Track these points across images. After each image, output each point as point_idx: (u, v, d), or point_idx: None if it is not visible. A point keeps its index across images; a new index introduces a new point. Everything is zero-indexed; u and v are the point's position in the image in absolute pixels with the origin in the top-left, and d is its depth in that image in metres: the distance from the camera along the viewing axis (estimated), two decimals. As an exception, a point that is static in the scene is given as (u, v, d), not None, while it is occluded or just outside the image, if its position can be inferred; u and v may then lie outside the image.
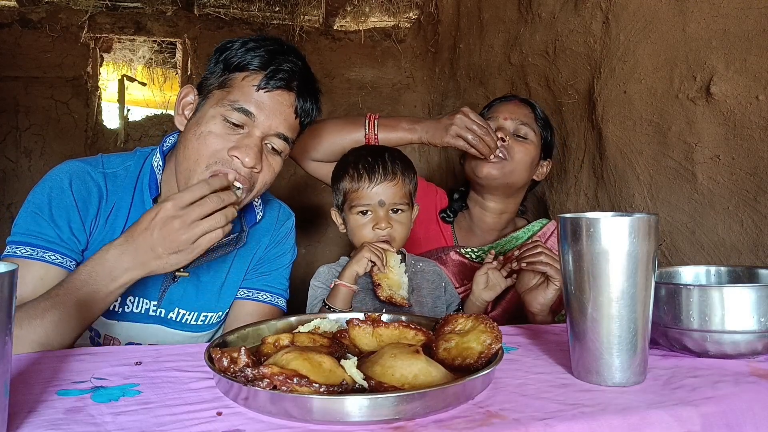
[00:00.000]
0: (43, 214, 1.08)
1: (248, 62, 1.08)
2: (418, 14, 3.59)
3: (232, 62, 1.09)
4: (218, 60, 1.11)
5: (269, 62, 1.08)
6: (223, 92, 1.08)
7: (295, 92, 1.11)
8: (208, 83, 1.12)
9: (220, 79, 1.10)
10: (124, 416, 0.62)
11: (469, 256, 1.60)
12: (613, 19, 1.76)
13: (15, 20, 3.25)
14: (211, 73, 1.12)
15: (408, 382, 0.66)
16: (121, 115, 3.82)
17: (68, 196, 1.10)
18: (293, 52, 1.14)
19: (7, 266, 0.56)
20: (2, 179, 3.22)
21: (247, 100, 1.06)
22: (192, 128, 1.09)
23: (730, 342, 0.81)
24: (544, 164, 1.68)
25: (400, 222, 1.25)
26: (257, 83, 1.07)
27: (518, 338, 0.99)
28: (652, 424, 0.63)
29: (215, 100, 1.08)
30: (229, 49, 1.11)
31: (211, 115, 1.07)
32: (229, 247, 1.23)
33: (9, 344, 0.55)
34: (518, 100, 1.67)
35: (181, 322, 1.23)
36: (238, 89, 1.07)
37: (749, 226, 1.36)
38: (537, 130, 1.61)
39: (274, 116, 1.08)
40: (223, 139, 1.06)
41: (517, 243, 1.62)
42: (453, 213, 1.72)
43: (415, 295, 1.28)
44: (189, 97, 1.14)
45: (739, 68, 1.35)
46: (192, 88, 1.15)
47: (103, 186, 1.14)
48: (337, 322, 0.94)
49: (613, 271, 0.73)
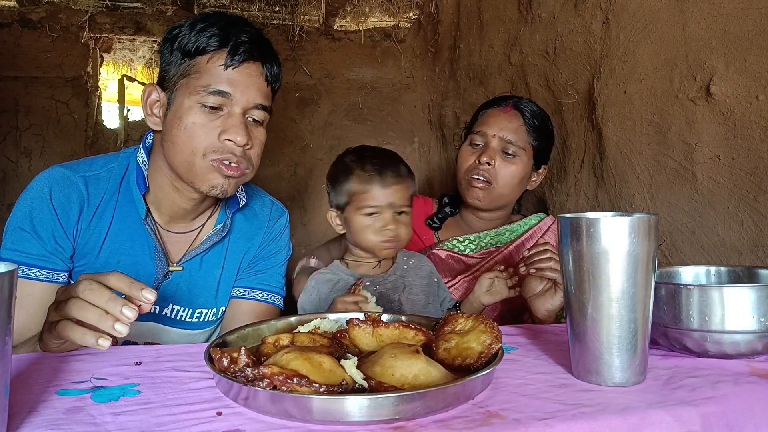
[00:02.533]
0: (27, 228, 1.09)
1: (206, 44, 1.07)
2: (418, 14, 3.59)
3: (189, 48, 1.07)
4: (172, 49, 1.10)
5: (226, 38, 1.08)
6: (190, 80, 1.08)
7: (260, 61, 1.12)
8: (170, 75, 1.10)
9: (181, 67, 1.09)
10: (124, 416, 0.62)
11: (457, 249, 1.58)
12: (613, 19, 1.76)
13: (15, 20, 3.25)
14: (168, 64, 1.11)
15: (408, 382, 0.66)
16: (121, 115, 3.81)
17: (48, 207, 1.11)
18: (242, 21, 1.14)
19: (7, 266, 0.56)
20: (2, 179, 3.22)
21: (219, 81, 1.07)
22: (173, 123, 1.08)
23: (730, 342, 0.81)
24: (538, 173, 1.63)
25: (404, 224, 1.25)
26: (223, 62, 1.07)
27: (518, 338, 0.99)
28: (652, 424, 0.63)
29: (186, 89, 1.08)
30: (180, 36, 1.09)
31: (188, 105, 1.07)
32: (217, 237, 1.23)
33: (9, 344, 0.55)
34: (508, 106, 1.58)
35: (176, 319, 1.24)
36: (205, 73, 1.07)
37: (749, 226, 1.36)
38: (527, 141, 1.55)
39: (248, 90, 1.09)
40: (208, 127, 1.07)
41: (511, 236, 1.59)
42: (440, 221, 1.68)
43: (406, 293, 1.28)
44: (153, 96, 1.13)
45: (739, 68, 1.35)
46: (154, 87, 1.13)
47: (84, 190, 1.14)
48: (337, 322, 0.94)
49: (613, 271, 0.73)
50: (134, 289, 0.77)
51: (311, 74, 3.46)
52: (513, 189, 1.56)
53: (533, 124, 1.55)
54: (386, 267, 1.31)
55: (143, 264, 1.18)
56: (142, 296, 0.77)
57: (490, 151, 1.51)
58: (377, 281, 1.26)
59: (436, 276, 1.35)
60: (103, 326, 0.75)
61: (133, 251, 1.17)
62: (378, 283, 1.26)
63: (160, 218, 1.20)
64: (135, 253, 1.17)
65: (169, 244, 1.21)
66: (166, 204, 1.19)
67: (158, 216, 1.20)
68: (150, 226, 1.17)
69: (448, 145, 3.21)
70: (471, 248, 1.58)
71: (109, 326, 0.74)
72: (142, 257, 1.17)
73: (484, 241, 1.59)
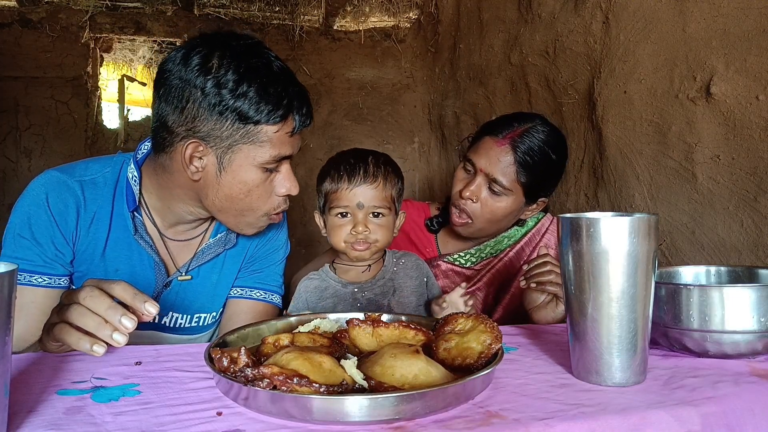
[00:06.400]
0: (26, 236, 1.08)
1: (271, 116, 1.03)
2: (418, 14, 3.59)
3: (250, 116, 1.02)
4: (220, 106, 1.00)
5: (290, 108, 1.06)
6: (254, 147, 1.05)
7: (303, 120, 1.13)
8: (221, 135, 1.03)
9: (239, 132, 1.03)
10: (124, 416, 0.62)
11: (458, 262, 1.57)
12: (613, 19, 1.76)
13: (15, 20, 3.26)
14: (216, 122, 1.02)
15: (408, 382, 0.65)
16: (121, 115, 3.82)
17: (45, 213, 1.09)
18: (289, 77, 1.09)
19: (7, 266, 0.56)
20: (2, 179, 3.22)
21: (285, 148, 1.08)
22: (232, 183, 1.06)
23: (730, 342, 0.81)
24: (532, 208, 1.50)
25: (381, 226, 1.21)
26: (290, 131, 1.07)
27: (518, 338, 0.99)
28: (652, 424, 0.63)
29: (249, 155, 1.05)
30: (228, 94, 1.00)
31: (252, 170, 1.07)
32: (219, 248, 1.22)
33: (9, 344, 0.55)
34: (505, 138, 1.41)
35: (174, 327, 1.23)
36: (275, 143, 1.06)
37: (749, 226, 1.36)
38: (515, 181, 1.39)
39: (296, 146, 1.12)
40: (268, 186, 1.10)
41: (510, 242, 1.56)
42: (438, 224, 1.63)
43: (396, 296, 1.25)
44: (193, 151, 1.05)
45: (739, 68, 1.35)
46: (197, 144, 1.04)
47: (80, 195, 1.12)
48: (337, 322, 0.94)
49: (613, 271, 0.73)
50: (137, 301, 0.77)
51: (311, 74, 3.47)
52: (497, 224, 1.47)
53: (525, 163, 1.39)
54: (375, 271, 1.27)
55: (142, 274, 1.17)
56: (144, 309, 0.77)
57: (475, 188, 1.41)
58: (365, 287, 1.24)
59: (426, 275, 1.31)
60: (100, 334, 0.74)
61: (131, 261, 1.16)
62: (366, 288, 1.24)
63: (161, 223, 1.18)
64: (133, 264, 1.16)
65: (171, 250, 1.20)
66: (169, 214, 1.17)
67: (159, 221, 1.18)
68: (145, 239, 1.15)
69: (448, 145, 3.21)
70: (472, 261, 1.57)
71: (107, 335, 0.74)
72: (140, 267, 1.16)
73: (484, 252, 1.56)
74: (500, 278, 1.54)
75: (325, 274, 1.26)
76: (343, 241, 1.20)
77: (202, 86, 1.00)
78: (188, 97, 1.01)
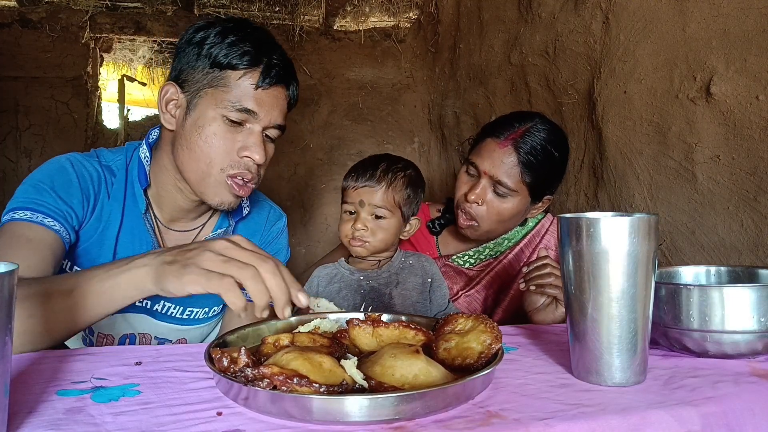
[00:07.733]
0: (46, 185, 1.07)
1: (238, 60, 1.08)
2: (418, 14, 3.59)
3: (220, 60, 1.07)
4: (199, 54, 1.09)
5: (259, 58, 1.09)
6: (218, 91, 1.08)
7: (286, 84, 1.14)
8: (193, 79, 1.10)
9: (208, 76, 1.09)
10: (124, 416, 0.62)
11: (457, 264, 1.57)
12: (613, 19, 1.76)
13: (15, 20, 3.26)
14: (192, 68, 1.10)
15: (408, 382, 0.65)
16: (121, 115, 3.82)
17: (71, 174, 1.11)
18: (272, 40, 1.15)
19: (7, 266, 0.56)
20: (2, 179, 3.22)
21: (248, 100, 1.08)
22: (192, 130, 1.09)
23: (730, 342, 0.81)
24: (537, 206, 1.51)
25: (380, 227, 1.27)
26: (254, 81, 1.08)
27: (518, 338, 0.99)
28: (652, 424, 0.63)
29: (211, 100, 1.08)
30: (209, 43, 1.08)
31: (212, 116, 1.08)
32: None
33: (9, 344, 0.55)
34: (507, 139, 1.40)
35: (166, 314, 1.25)
36: (235, 89, 1.08)
37: (749, 226, 1.36)
38: (520, 181, 1.40)
39: (272, 110, 1.12)
40: (228, 140, 1.09)
41: (510, 243, 1.56)
42: (440, 226, 1.63)
43: (399, 288, 1.30)
44: (172, 94, 1.13)
45: (739, 68, 1.35)
46: (173, 85, 1.12)
47: (102, 174, 1.15)
48: (337, 322, 0.94)
49: (613, 271, 0.73)
50: (293, 288, 0.79)
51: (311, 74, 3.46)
52: (504, 224, 1.47)
53: (529, 163, 1.39)
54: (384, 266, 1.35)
55: None
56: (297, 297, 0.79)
57: (480, 191, 1.41)
58: (371, 276, 1.31)
59: (431, 276, 1.35)
60: (282, 300, 0.77)
61: (133, 246, 1.17)
62: (371, 278, 1.31)
63: (160, 215, 1.21)
64: (135, 249, 1.17)
65: (168, 242, 1.21)
66: (167, 202, 1.19)
67: (159, 213, 1.21)
68: (149, 222, 1.18)
69: (448, 145, 3.21)
70: (471, 263, 1.57)
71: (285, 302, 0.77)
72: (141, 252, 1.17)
73: (483, 254, 1.57)
74: (500, 280, 1.54)
75: (339, 264, 1.35)
76: (344, 235, 1.29)
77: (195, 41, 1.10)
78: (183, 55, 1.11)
